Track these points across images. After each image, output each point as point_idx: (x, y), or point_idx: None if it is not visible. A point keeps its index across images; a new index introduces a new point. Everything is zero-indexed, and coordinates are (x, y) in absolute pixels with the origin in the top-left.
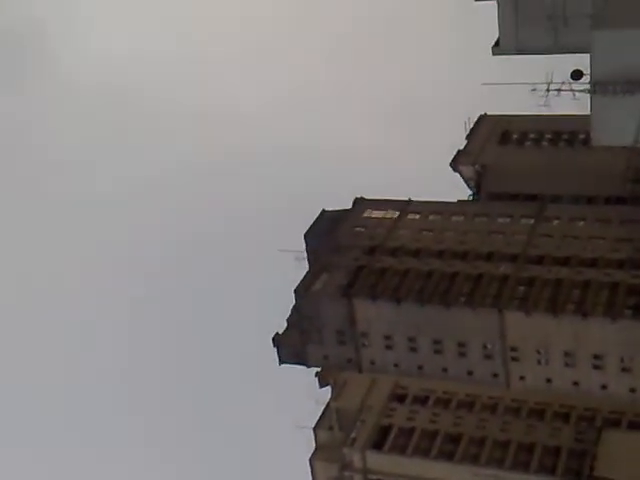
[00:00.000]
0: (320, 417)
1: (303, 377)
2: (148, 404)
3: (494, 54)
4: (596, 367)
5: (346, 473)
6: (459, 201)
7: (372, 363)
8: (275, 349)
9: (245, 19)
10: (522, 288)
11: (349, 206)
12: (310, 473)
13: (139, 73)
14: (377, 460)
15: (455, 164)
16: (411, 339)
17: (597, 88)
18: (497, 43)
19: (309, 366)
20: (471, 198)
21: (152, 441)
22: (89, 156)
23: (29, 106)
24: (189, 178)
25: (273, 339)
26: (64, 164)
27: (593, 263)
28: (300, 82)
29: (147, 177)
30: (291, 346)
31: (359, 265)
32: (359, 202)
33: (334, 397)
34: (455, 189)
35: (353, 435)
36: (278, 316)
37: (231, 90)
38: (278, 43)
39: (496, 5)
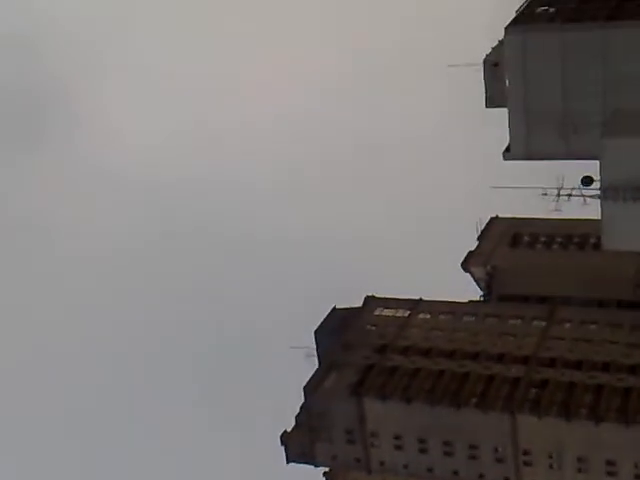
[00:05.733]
0: None
1: (311, 476)
2: None
3: (505, 159)
4: (609, 473)
5: None
6: (470, 301)
7: (381, 464)
8: (283, 448)
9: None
10: (534, 391)
11: (360, 304)
12: None
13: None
14: None
15: (466, 265)
16: (421, 440)
17: (607, 194)
18: (508, 148)
19: (317, 465)
20: (482, 299)
21: None
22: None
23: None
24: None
25: (281, 437)
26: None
27: (605, 367)
28: (312, 172)
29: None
30: (299, 445)
31: (369, 364)
32: (370, 300)
33: None
34: (466, 289)
35: None
36: (287, 414)
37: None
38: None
39: (507, 112)
